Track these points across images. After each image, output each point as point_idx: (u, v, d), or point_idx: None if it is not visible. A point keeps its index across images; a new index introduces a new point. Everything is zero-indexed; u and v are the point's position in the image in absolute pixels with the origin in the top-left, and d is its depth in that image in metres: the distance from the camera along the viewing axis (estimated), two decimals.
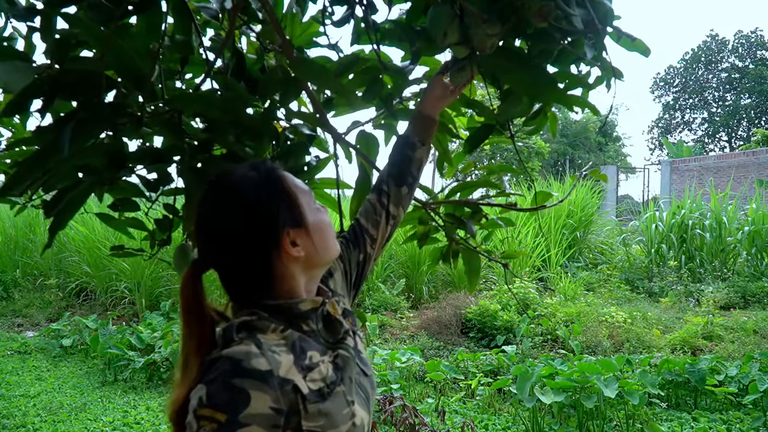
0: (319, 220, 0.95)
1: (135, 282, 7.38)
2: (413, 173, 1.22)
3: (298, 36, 1.41)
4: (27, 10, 1.10)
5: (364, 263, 1.16)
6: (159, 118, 1.10)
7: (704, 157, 18.96)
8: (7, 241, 9.67)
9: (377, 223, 1.18)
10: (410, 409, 3.36)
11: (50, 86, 0.95)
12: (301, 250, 0.91)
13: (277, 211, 0.90)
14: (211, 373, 0.80)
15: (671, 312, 6.84)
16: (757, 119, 34.45)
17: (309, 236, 0.93)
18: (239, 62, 1.28)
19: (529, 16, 0.97)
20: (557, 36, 1.02)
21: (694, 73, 36.71)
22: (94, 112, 0.98)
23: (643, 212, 10.50)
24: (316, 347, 0.91)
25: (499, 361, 4.81)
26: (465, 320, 6.23)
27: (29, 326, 7.33)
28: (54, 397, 4.62)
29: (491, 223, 1.65)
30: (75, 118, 0.94)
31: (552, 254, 8.51)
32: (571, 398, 3.67)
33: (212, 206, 0.91)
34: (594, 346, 5.45)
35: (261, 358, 0.81)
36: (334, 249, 0.98)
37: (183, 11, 1.21)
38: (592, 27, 0.97)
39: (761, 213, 8.95)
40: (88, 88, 0.98)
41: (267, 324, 0.87)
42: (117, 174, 1.10)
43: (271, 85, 1.26)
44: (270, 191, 0.91)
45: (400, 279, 7.80)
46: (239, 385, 0.78)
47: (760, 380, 3.95)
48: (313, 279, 0.97)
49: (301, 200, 0.94)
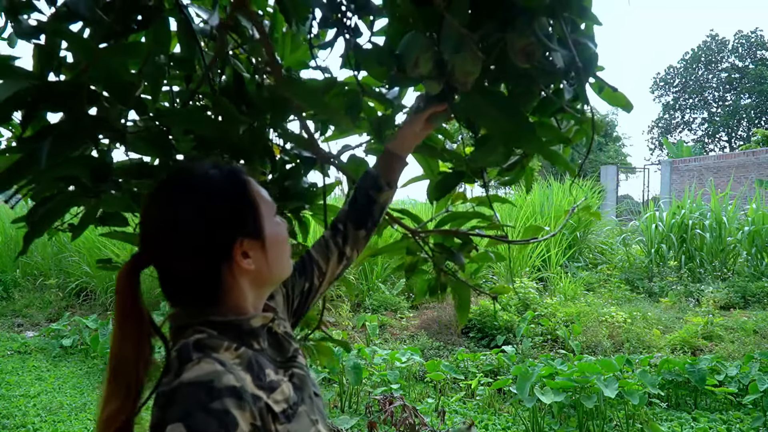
0: (276, 234, 0.88)
1: None
2: (374, 217, 1.15)
3: (287, 57, 1.39)
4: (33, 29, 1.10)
5: (308, 293, 1.09)
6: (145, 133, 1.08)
7: (704, 157, 18.96)
8: (7, 241, 9.68)
9: (328, 259, 1.11)
10: (410, 409, 3.36)
11: (33, 97, 0.94)
12: (252, 263, 0.84)
13: (232, 217, 0.83)
14: (177, 405, 0.71)
15: (671, 312, 6.85)
16: (757, 119, 34.45)
17: (263, 250, 0.86)
18: (237, 81, 1.27)
19: (511, 54, 0.89)
20: (540, 80, 0.97)
21: (694, 73, 36.71)
22: (75, 124, 0.96)
23: (643, 212, 10.51)
24: (270, 366, 0.84)
25: (499, 361, 4.81)
26: None
27: (29, 326, 7.33)
28: (54, 397, 4.62)
29: (482, 256, 1.59)
30: (56, 131, 0.93)
31: (552, 254, 8.51)
32: (571, 398, 3.67)
33: (164, 200, 0.83)
34: (594, 346, 5.45)
35: (229, 375, 0.74)
36: (287, 267, 0.91)
37: (187, 30, 1.21)
38: (574, 67, 0.91)
39: (761, 213, 8.95)
40: (70, 101, 0.96)
41: (219, 342, 0.79)
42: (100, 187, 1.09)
43: (261, 103, 1.24)
44: (229, 194, 0.84)
45: (400, 279, 7.79)
46: (220, 407, 0.70)
47: (760, 380, 3.95)
48: (260, 296, 0.90)
49: (262, 210, 0.87)
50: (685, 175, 18.11)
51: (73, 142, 0.98)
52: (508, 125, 0.98)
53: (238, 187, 0.86)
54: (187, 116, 1.14)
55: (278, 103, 1.21)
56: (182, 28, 1.20)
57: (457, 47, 0.88)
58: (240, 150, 1.20)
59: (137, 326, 0.81)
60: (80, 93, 0.95)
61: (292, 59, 1.40)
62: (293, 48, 1.38)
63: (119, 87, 0.99)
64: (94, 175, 1.05)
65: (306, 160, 1.36)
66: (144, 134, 1.07)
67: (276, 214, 0.92)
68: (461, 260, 1.52)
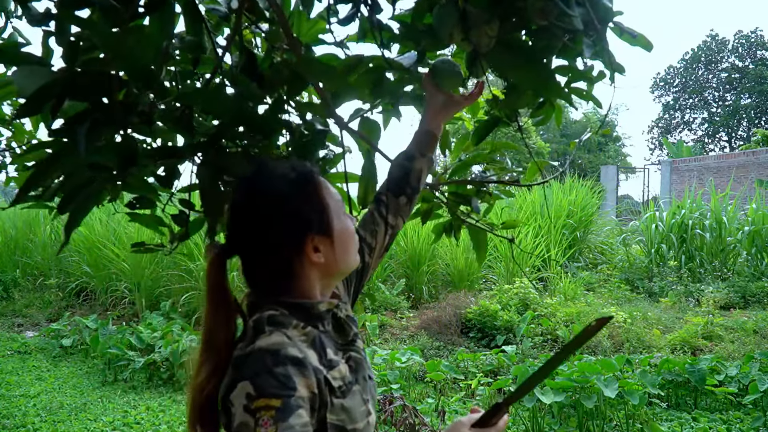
0: (344, 230, 0.98)
1: (135, 282, 7.38)
2: (412, 184, 1.22)
3: (305, 33, 1.42)
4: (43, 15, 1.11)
5: (362, 272, 1.17)
6: (169, 115, 1.11)
7: (704, 157, 18.96)
8: (7, 241, 9.68)
9: (375, 232, 1.19)
10: (410, 409, 3.36)
11: (62, 88, 0.96)
12: (321, 256, 0.94)
13: (305, 215, 0.93)
14: (248, 367, 0.82)
15: (671, 312, 6.85)
16: (757, 119, 34.45)
17: (332, 245, 0.95)
18: (249, 60, 1.29)
19: (531, 14, 0.99)
20: (559, 33, 1.05)
21: (694, 73, 36.71)
22: (106, 112, 0.99)
23: (643, 212, 10.51)
24: (331, 346, 0.94)
25: (499, 361, 4.81)
26: (465, 320, 6.23)
27: (29, 326, 7.33)
28: (54, 397, 4.62)
29: (493, 197, 1.69)
30: (88, 119, 0.95)
31: (552, 254, 8.51)
32: (571, 398, 3.67)
33: (247, 197, 0.94)
34: (594, 346, 5.45)
35: (294, 348, 0.84)
36: (354, 261, 1.00)
37: (193, 12, 1.23)
38: (591, 27, 1.00)
39: (761, 213, 8.95)
40: (99, 89, 0.99)
41: (289, 320, 0.90)
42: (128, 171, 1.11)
43: (277, 80, 1.27)
44: (303, 194, 0.94)
45: (400, 279, 7.80)
46: (283, 372, 0.81)
47: (760, 380, 3.95)
48: (329, 286, 0.99)
49: (331, 208, 0.96)
50: (685, 175, 18.11)
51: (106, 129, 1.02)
52: (532, 75, 1.10)
53: (311, 189, 0.95)
54: (206, 95, 1.17)
55: (295, 79, 1.24)
56: (188, 10, 1.22)
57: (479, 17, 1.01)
58: (257, 127, 1.22)
59: (225, 306, 0.93)
60: (110, 81, 0.98)
61: (308, 35, 1.42)
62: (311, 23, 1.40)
63: (143, 72, 1.01)
64: (123, 162, 1.07)
65: (320, 131, 1.38)
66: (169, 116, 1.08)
67: (345, 212, 1.01)
68: (476, 205, 1.62)
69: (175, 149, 1.23)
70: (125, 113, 1.02)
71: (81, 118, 0.96)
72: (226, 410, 0.82)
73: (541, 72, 1.08)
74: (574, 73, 1.20)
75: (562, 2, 0.96)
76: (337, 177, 1.53)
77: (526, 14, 1.00)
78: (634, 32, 1.08)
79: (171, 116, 1.12)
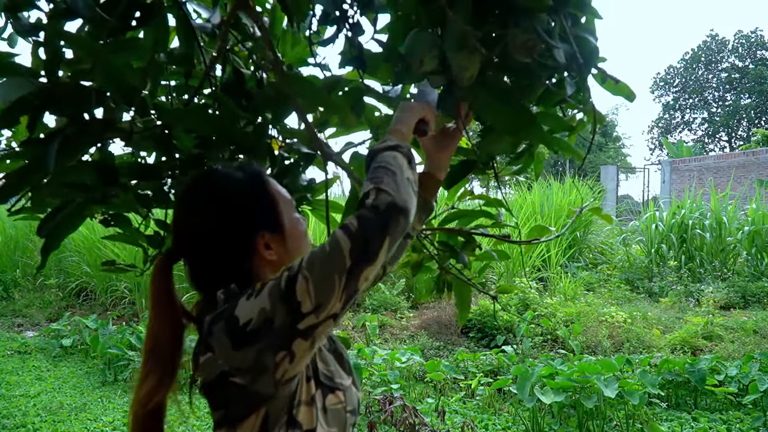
0: (295, 227, 0.96)
1: (135, 282, 7.38)
2: (409, 233, 1.16)
3: (290, 53, 1.40)
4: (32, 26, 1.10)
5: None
6: (149, 132, 1.09)
7: (704, 157, 18.96)
8: (7, 241, 9.67)
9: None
10: (410, 409, 3.35)
11: (40, 100, 0.94)
12: (273, 254, 0.92)
13: (253, 213, 0.91)
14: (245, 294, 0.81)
15: (671, 312, 6.84)
16: (757, 119, 34.45)
17: (283, 242, 0.93)
18: (237, 78, 1.28)
19: (512, 50, 0.92)
20: (542, 74, 0.99)
21: (694, 73, 36.71)
22: (82, 126, 0.97)
23: (643, 212, 10.51)
24: None
25: (499, 361, 4.81)
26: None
27: (29, 326, 7.33)
28: (54, 397, 4.62)
29: (485, 255, 1.60)
30: (63, 133, 0.93)
31: (552, 254, 8.51)
32: (571, 398, 3.66)
33: (192, 200, 0.93)
34: (594, 346, 5.45)
35: None
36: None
37: (186, 27, 1.22)
38: (575, 62, 0.94)
39: (761, 213, 8.95)
40: (77, 102, 0.97)
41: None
42: (108, 190, 1.09)
43: (264, 101, 1.25)
44: (250, 193, 0.93)
45: (400, 279, 7.79)
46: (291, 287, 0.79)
47: (760, 380, 3.95)
48: None
49: (281, 206, 0.95)
50: (685, 175, 18.11)
51: (81, 144, 0.99)
52: (511, 117, 1.01)
53: (258, 186, 0.94)
54: (188, 115, 1.15)
55: (280, 100, 1.22)
56: (181, 25, 1.21)
57: (460, 45, 0.90)
58: (242, 147, 1.20)
59: (171, 313, 0.90)
60: (88, 95, 0.96)
61: (292, 56, 1.40)
62: (293, 44, 1.38)
63: (124, 87, 0.99)
64: (102, 179, 1.05)
65: (306, 156, 1.36)
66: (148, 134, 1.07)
67: (295, 210, 1.00)
68: (464, 259, 1.53)
69: (153, 167, 1.20)
70: (103, 129, 0.99)
71: (56, 133, 0.94)
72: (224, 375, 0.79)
73: (521, 114, 1.00)
74: (556, 123, 1.13)
75: (546, 35, 0.89)
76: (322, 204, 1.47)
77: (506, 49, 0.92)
78: (617, 79, 1.02)
79: (150, 133, 1.09)
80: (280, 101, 1.22)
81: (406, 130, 0.99)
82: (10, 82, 0.91)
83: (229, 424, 0.82)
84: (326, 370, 0.89)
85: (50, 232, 1.11)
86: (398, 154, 0.89)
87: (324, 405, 0.87)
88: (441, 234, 1.58)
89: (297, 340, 0.77)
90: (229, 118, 1.15)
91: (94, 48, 0.95)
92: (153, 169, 1.20)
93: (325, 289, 0.75)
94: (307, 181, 1.43)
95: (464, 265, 1.54)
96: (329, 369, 0.90)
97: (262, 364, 0.77)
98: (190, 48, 1.22)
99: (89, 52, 0.95)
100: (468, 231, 1.54)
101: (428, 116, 1.04)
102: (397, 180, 0.84)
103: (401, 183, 0.84)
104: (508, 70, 1.01)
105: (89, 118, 0.98)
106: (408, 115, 1.00)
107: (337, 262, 0.76)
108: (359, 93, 1.27)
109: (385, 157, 0.88)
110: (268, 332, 0.76)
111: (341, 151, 1.38)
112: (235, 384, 0.79)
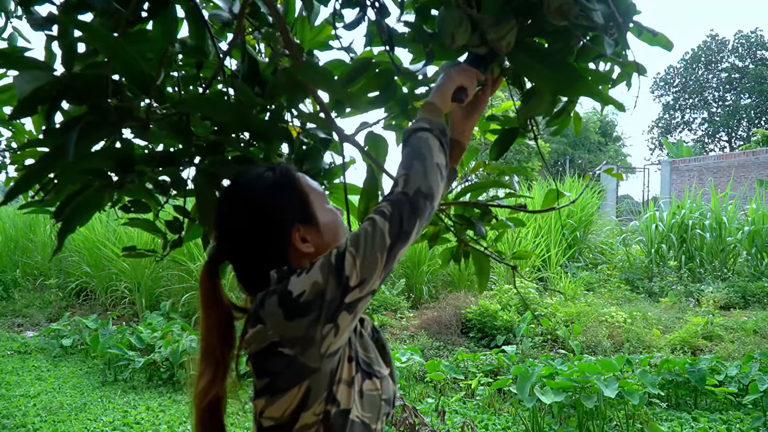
0: (330, 219, 0.99)
1: (135, 282, 7.38)
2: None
3: (309, 40, 1.41)
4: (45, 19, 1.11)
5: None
6: (166, 121, 1.11)
7: (704, 157, 18.96)
8: (7, 241, 9.68)
9: None
10: (410, 409, 3.35)
11: (57, 91, 0.96)
12: (311, 246, 0.95)
13: (285, 208, 0.94)
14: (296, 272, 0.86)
15: (671, 312, 6.84)
16: (757, 119, 34.44)
17: (319, 233, 0.96)
18: (252, 66, 1.29)
19: (548, 14, 0.94)
20: (577, 33, 1.01)
21: (694, 73, 36.70)
22: (101, 116, 0.99)
23: (643, 212, 10.51)
24: None
25: (499, 361, 4.81)
26: (465, 320, 6.23)
27: (29, 326, 7.33)
28: (54, 397, 4.62)
29: (501, 224, 1.64)
30: (82, 122, 0.95)
31: (552, 254, 8.51)
32: (571, 398, 3.67)
33: (225, 204, 0.97)
34: (594, 346, 5.45)
35: None
36: None
37: (197, 17, 1.23)
38: (613, 22, 0.96)
39: (761, 213, 8.95)
40: (94, 93, 0.99)
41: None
42: (125, 178, 1.11)
43: (278, 87, 1.27)
44: (280, 189, 0.96)
45: (400, 279, 7.79)
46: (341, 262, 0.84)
47: (760, 380, 3.95)
48: None
49: (312, 199, 0.98)
50: (685, 175, 18.11)
51: (99, 133, 1.01)
52: (555, 76, 1.04)
53: (288, 182, 0.97)
54: (205, 102, 1.16)
55: (295, 86, 1.23)
56: (191, 15, 1.21)
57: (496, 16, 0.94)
58: (259, 133, 1.21)
59: (219, 312, 0.94)
60: (105, 85, 0.97)
61: (314, 41, 1.41)
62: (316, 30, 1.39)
63: (140, 77, 1.01)
64: (119, 167, 1.06)
65: (323, 140, 1.37)
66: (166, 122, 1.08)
67: (328, 202, 1.03)
68: (481, 230, 1.58)
69: (171, 155, 1.22)
70: (120, 118, 1.01)
71: (75, 122, 0.96)
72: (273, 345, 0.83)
73: (563, 72, 1.03)
74: (594, 77, 1.15)
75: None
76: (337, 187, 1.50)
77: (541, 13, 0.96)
78: (654, 31, 1.05)
79: (168, 122, 1.12)
80: (294, 87, 1.23)
81: (442, 102, 1.02)
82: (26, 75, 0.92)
83: (271, 394, 0.85)
84: (365, 356, 0.93)
85: (68, 216, 1.13)
86: (430, 136, 0.94)
87: (361, 388, 0.90)
88: (457, 207, 1.62)
89: (342, 313, 0.82)
90: (246, 105, 1.16)
91: (111, 39, 0.96)
92: (169, 156, 1.22)
93: (370, 265, 0.83)
94: (327, 165, 1.45)
95: (481, 235, 1.60)
96: (369, 356, 0.93)
97: (311, 336, 0.81)
98: (201, 38, 1.23)
99: (106, 43, 0.96)
100: (485, 203, 1.58)
101: (468, 83, 1.05)
102: (426, 165, 0.90)
103: (429, 169, 0.90)
104: (544, 33, 1.05)
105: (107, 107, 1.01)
106: (448, 83, 1.03)
107: (379, 242, 0.83)
108: (390, 74, 1.28)
109: (417, 141, 0.94)
110: (321, 304, 0.81)
111: (355, 131, 1.38)
112: (284, 354, 0.83)
